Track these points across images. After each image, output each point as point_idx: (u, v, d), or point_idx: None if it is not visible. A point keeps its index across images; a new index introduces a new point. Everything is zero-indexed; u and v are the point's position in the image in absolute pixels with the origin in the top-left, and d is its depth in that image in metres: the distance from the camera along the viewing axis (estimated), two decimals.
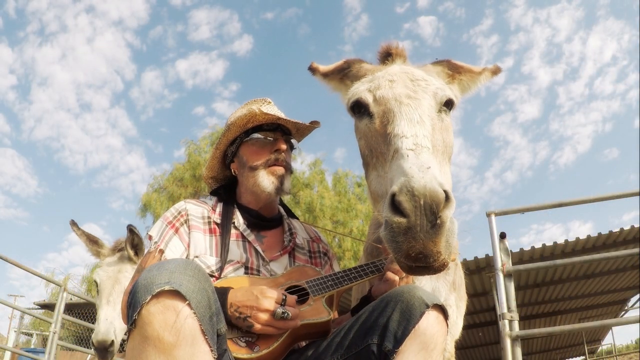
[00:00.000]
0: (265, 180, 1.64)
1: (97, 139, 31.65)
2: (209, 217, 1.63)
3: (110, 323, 2.90)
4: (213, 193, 1.80)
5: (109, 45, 30.96)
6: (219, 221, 1.62)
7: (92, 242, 3.38)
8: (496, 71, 1.77)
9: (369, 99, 1.45)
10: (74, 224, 3.34)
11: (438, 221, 1.04)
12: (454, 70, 1.67)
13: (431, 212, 1.04)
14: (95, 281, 3.15)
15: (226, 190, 1.77)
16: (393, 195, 1.07)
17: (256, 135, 1.70)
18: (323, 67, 1.78)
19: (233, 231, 1.61)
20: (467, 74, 1.69)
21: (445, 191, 1.06)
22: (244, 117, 1.66)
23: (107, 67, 31.00)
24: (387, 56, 1.64)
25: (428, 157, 1.16)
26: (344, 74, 1.70)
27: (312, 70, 1.77)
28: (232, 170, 1.76)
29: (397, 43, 1.66)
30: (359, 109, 1.47)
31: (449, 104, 1.44)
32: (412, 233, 1.04)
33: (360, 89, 1.48)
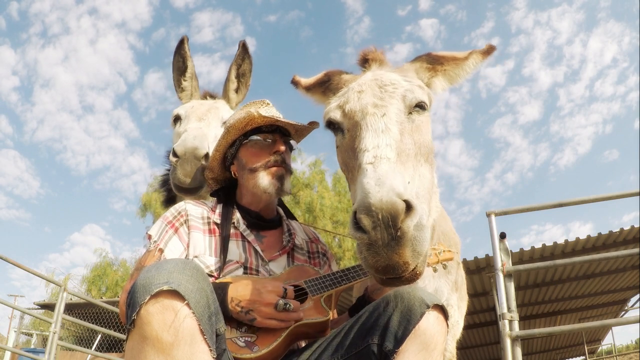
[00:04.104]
0: (266, 181, 1.64)
1: (100, 140, 31.78)
2: (208, 218, 1.63)
3: (204, 135, 2.20)
4: (213, 195, 1.80)
5: (112, 47, 31.09)
6: (218, 221, 1.62)
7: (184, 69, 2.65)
8: (489, 51, 1.68)
9: (338, 115, 1.45)
10: (187, 38, 2.62)
11: (398, 233, 1.05)
12: (434, 63, 1.64)
13: (390, 225, 1.04)
14: (177, 115, 2.49)
15: (225, 191, 1.77)
16: (354, 213, 1.09)
17: (255, 137, 1.70)
18: (305, 81, 1.78)
19: (232, 231, 1.61)
20: (450, 63, 1.65)
21: (405, 201, 1.06)
22: (243, 120, 1.66)
23: (109, 69, 31.13)
24: (364, 62, 1.64)
25: (387, 168, 1.15)
26: (326, 87, 1.68)
27: (295, 83, 1.77)
28: (232, 173, 1.76)
29: (374, 47, 1.65)
30: (332, 126, 1.49)
31: (420, 105, 1.42)
32: (374, 248, 1.06)
33: (331, 107, 1.49)
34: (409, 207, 1.07)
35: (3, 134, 32.88)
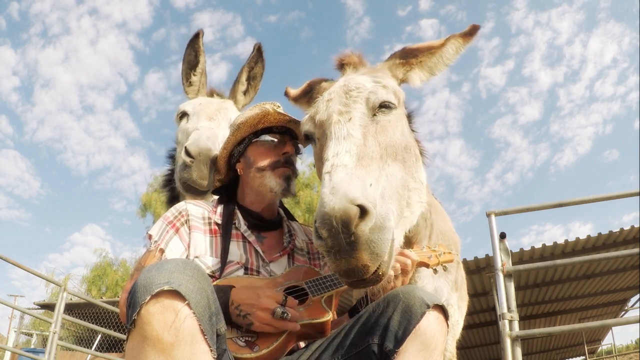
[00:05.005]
0: (273, 181, 1.64)
1: (100, 140, 31.85)
2: (209, 218, 1.62)
3: (216, 136, 2.15)
4: (215, 192, 1.80)
5: (112, 48, 31.15)
6: (219, 222, 1.61)
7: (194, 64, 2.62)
8: (471, 32, 1.63)
9: (310, 126, 1.49)
10: (203, 33, 2.60)
11: (352, 238, 1.08)
12: (408, 57, 1.63)
13: (343, 231, 1.07)
14: (183, 111, 2.46)
15: (227, 191, 1.77)
16: (315, 222, 1.13)
17: (266, 136, 1.71)
18: (293, 92, 1.83)
19: (233, 232, 1.61)
20: (425, 54, 1.63)
21: (360, 205, 1.08)
22: (256, 117, 1.67)
23: (110, 69, 31.19)
24: (341, 67, 1.66)
25: (342, 175, 1.17)
26: (310, 97, 1.70)
27: (286, 95, 1.81)
28: (238, 170, 1.75)
29: (350, 51, 1.66)
30: (307, 138, 1.53)
31: (384, 105, 1.43)
32: (332, 254, 1.11)
33: (305, 119, 1.53)
34: (363, 211, 1.09)
35: (3, 134, 32.93)
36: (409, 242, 1.68)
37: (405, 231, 1.43)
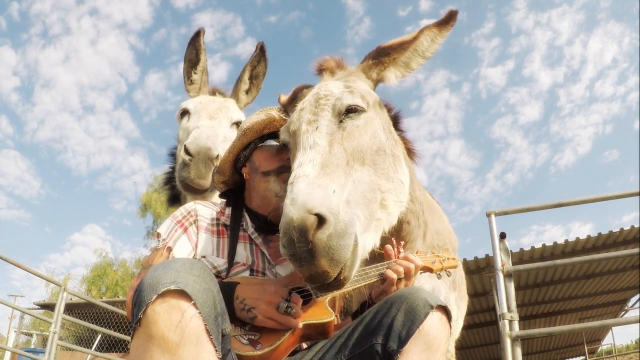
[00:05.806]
0: (278, 186, 1.65)
1: (100, 140, 31.88)
2: (217, 219, 1.63)
3: (216, 135, 2.18)
4: (222, 196, 1.81)
5: (113, 48, 31.19)
6: (227, 223, 1.62)
7: (196, 61, 2.64)
8: (447, 20, 1.61)
9: (286, 136, 1.52)
10: (204, 31, 2.63)
11: (310, 246, 1.11)
12: (380, 56, 1.63)
13: (301, 240, 1.11)
14: (185, 109, 2.50)
15: (234, 194, 1.78)
16: (279, 232, 1.17)
17: (271, 141, 1.72)
18: (283, 98, 1.85)
19: (240, 234, 1.62)
20: (397, 51, 1.61)
21: (317, 214, 1.11)
22: (262, 122, 1.68)
23: (110, 70, 31.21)
24: (319, 73, 1.67)
25: (303, 185, 1.19)
26: (294, 104, 1.72)
27: (279, 101, 1.85)
28: (244, 175, 1.76)
29: (328, 57, 1.68)
30: (284, 147, 1.58)
31: (351, 109, 1.44)
32: (294, 261, 1.15)
33: (282, 129, 1.56)
34: (321, 220, 1.11)
35: (4, 134, 32.91)
36: (404, 242, 1.68)
37: (382, 232, 1.43)
